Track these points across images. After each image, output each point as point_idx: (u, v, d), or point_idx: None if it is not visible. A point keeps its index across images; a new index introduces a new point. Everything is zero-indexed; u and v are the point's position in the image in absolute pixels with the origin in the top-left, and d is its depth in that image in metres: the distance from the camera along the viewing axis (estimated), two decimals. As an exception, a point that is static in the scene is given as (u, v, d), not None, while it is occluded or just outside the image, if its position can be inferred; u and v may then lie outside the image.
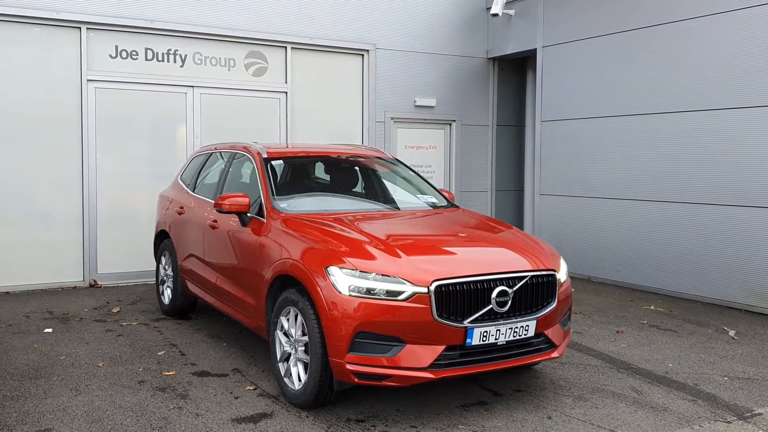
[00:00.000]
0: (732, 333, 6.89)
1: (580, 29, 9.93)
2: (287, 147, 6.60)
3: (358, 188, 6.36)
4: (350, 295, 4.30)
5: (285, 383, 4.82)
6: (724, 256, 8.14)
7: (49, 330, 6.65)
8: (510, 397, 5.01)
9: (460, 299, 4.38)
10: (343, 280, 4.34)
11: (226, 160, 6.61)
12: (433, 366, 4.33)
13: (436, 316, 4.30)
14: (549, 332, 4.78)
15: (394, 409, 4.72)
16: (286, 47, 10.06)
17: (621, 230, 9.37)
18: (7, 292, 8.40)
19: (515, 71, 11.98)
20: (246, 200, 5.52)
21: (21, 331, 6.60)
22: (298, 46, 10.15)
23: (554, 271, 4.79)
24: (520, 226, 11.71)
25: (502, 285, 4.50)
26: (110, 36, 8.97)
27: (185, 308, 7.07)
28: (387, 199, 6.18)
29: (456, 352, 4.40)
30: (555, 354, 4.81)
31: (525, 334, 4.61)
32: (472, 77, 11.60)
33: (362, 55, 10.68)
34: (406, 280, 4.31)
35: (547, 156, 10.65)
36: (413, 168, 6.71)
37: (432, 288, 4.30)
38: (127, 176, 9.16)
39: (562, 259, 5.19)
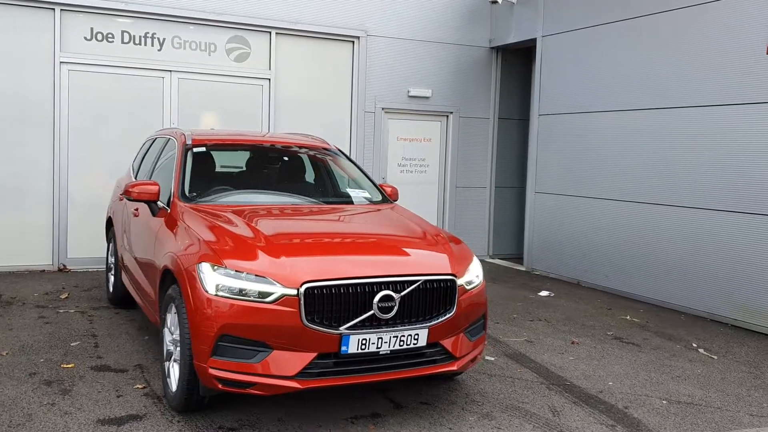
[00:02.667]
0: (701, 350, 6.29)
1: (582, 17, 9.32)
2: (220, 134, 6.31)
3: (287, 180, 6.02)
4: (217, 295, 3.98)
5: (167, 384, 4.55)
6: (710, 265, 7.50)
7: (-19, 314, 6.56)
8: (410, 410, 4.60)
9: (336, 303, 4.00)
10: (212, 279, 4.02)
11: (160, 146, 6.36)
12: (302, 375, 3.97)
13: (305, 321, 3.93)
14: (447, 343, 4.35)
15: (275, 417, 4.38)
16: (270, 32, 9.78)
17: (613, 233, 8.77)
18: (-27, 274, 8.40)
19: (521, 62, 11.41)
20: (155, 188, 5.26)
21: (-46, 314, 6.52)
22: (283, 32, 9.85)
23: (454, 276, 4.36)
24: (520, 225, 11.16)
25: (387, 289, 4.10)
26: (85, 18, 8.85)
27: (126, 298, 6.87)
28: (314, 192, 5.82)
29: (330, 361, 4.03)
30: (454, 367, 4.38)
31: (414, 344, 4.20)
32: (472, 68, 11.09)
33: (352, 42, 10.31)
34: (276, 281, 3.97)
35: (543, 152, 10.09)
36: (354, 161, 6.33)
37: (301, 290, 3.94)
38: (99, 161, 9.04)
39: (475, 263, 4.74)
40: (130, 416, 4.33)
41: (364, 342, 4.05)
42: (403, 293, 4.14)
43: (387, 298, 4.09)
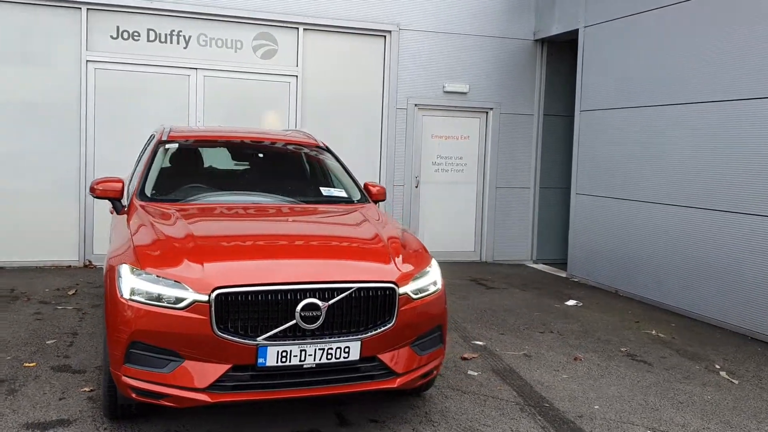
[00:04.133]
0: (723, 373, 5.59)
1: (627, 4, 8.61)
2: (202, 130, 6.13)
3: (264, 178, 5.76)
4: (131, 299, 3.75)
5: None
6: (754, 277, 6.71)
7: (-15, 308, 6.66)
8: (356, 427, 4.24)
9: (253, 312, 3.70)
10: (128, 282, 3.80)
11: (147, 142, 6.26)
12: (213, 387, 3.69)
13: (215, 330, 3.65)
14: (386, 357, 3.96)
15: (205, 429, 4.13)
16: (298, 28, 9.58)
17: (654, 239, 8.04)
18: (2, 267, 8.62)
19: (569, 55, 10.72)
20: (118, 185, 5.12)
21: (-44, 308, 6.65)
22: (311, 27, 9.63)
23: (393, 284, 3.96)
24: (566, 228, 10.48)
25: (312, 297, 3.76)
26: (112, 16, 8.93)
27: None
28: (289, 191, 5.51)
29: (246, 374, 3.74)
30: (394, 384, 3.98)
31: (345, 358, 3.84)
32: (514, 61, 10.53)
33: (384, 36, 9.97)
34: (189, 286, 3.70)
35: (584, 150, 9.43)
36: (339, 158, 6.00)
37: (212, 296, 3.66)
38: (125, 159, 9.05)
39: (430, 271, 4.32)
40: (60, 421, 4.18)
41: (284, 354, 3.72)
42: (330, 302, 3.79)
43: (311, 307, 3.75)
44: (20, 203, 8.70)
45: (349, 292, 3.83)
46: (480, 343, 6.15)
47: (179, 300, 3.68)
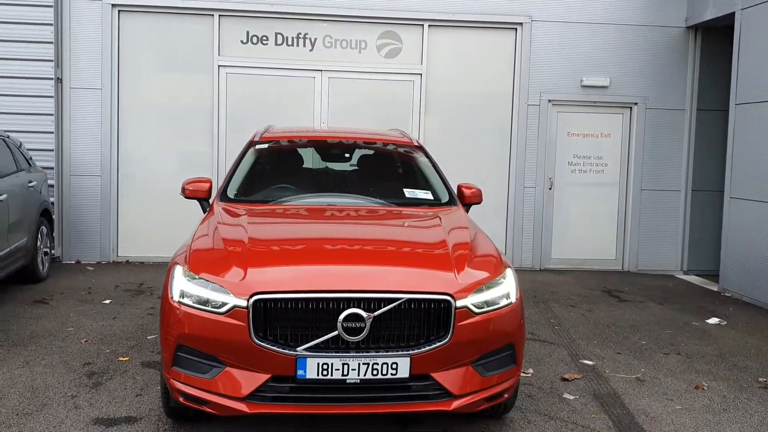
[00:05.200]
0: None
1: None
2: (296, 130, 6.03)
3: (353, 179, 5.56)
4: (179, 302, 3.70)
5: (172, 389, 4.38)
6: None
7: (108, 302, 7.04)
8: (414, 451, 3.92)
9: (292, 320, 3.50)
10: (179, 285, 3.75)
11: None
12: (252, 397, 3.53)
13: (253, 337, 3.49)
14: (441, 376, 3.60)
15: (260, 439, 4.00)
16: (423, 25, 9.33)
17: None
18: (141, 262, 9.16)
19: (727, 42, 9.55)
20: (206, 185, 5.17)
21: (85, 300, 7.08)
22: (436, 23, 9.34)
23: (450, 296, 3.59)
24: (717, 236, 9.32)
25: (356, 307, 3.49)
26: (242, 22, 9.20)
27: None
28: (376, 192, 5.24)
29: (286, 385, 3.54)
30: (449, 407, 3.61)
31: (392, 374, 3.53)
32: (663, 51, 9.56)
33: (514, 29, 9.45)
34: (230, 290, 3.57)
35: (740, 149, 8.33)
36: (432, 158, 5.65)
37: (250, 302, 3.50)
38: (253, 160, 9.35)
39: (501, 282, 3.87)
40: (127, 418, 4.24)
41: (325, 367, 3.48)
42: (376, 313, 3.49)
43: (355, 318, 3.48)
44: (158, 202, 9.17)
45: (397, 303, 3.52)
46: (589, 362, 5.54)
47: (222, 305, 3.57)
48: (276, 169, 5.59)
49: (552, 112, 9.59)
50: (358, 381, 3.51)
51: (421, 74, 9.37)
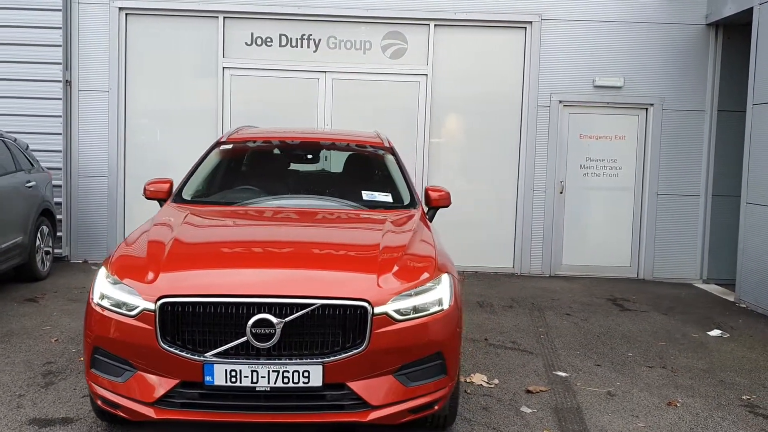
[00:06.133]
0: None
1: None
2: (265, 131, 5.94)
3: (310, 179, 5.44)
4: (97, 303, 3.64)
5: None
6: None
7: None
8: (340, 462, 3.76)
9: (201, 325, 3.40)
10: (99, 286, 3.70)
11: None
12: (161, 402, 3.44)
13: (160, 342, 3.40)
14: (357, 386, 3.44)
15: (186, 445, 3.91)
16: (428, 25, 9.15)
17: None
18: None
19: (749, 40, 9.08)
20: (166, 186, 5.11)
21: (75, 299, 7.13)
22: (443, 23, 9.15)
23: (366, 302, 3.42)
24: (735, 244, 8.85)
25: (265, 312, 3.36)
26: (246, 23, 9.19)
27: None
28: (328, 193, 5.11)
29: (195, 392, 3.44)
30: (365, 418, 3.45)
31: (304, 383, 3.39)
32: (680, 50, 9.15)
33: (524, 28, 9.18)
34: (140, 294, 3.50)
35: (757, 151, 7.88)
36: (400, 160, 5.47)
37: (157, 306, 3.41)
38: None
39: (432, 288, 3.67)
40: (64, 419, 4.20)
41: (233, 374, 3.37)
42: (287, 319, 3.36)
43: (264, 323, 3.35)
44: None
45: (310, 309, 3.38)
46: (562, 374, 5.28)
47: (133, 308, 3.49)
48: (238, 170, 5.52)
49: (563, 114, 9.27)
50: (269, 389, 3.39)
51: (426, 75, 9.19)
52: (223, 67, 9.18)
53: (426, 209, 5.19)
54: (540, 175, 9.29)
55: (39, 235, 7.87)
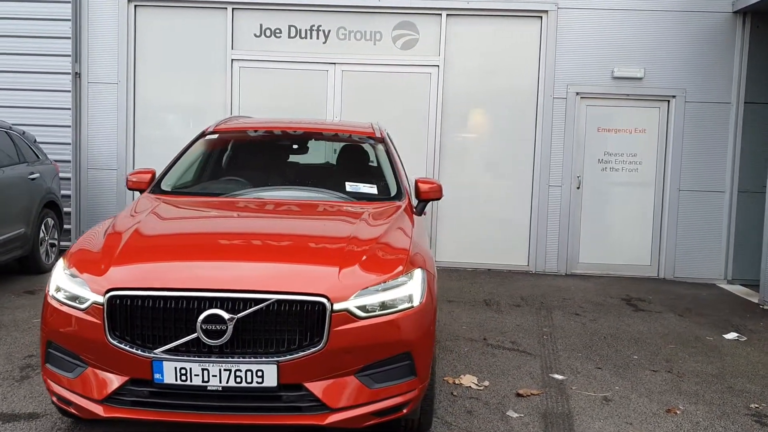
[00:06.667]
0: None
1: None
2: (253, 121, 5.78)
3: (297, 170, 5.24)
4: (53, 296, 3.51)
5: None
6: None
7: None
8: (303, 467, 3.57)
9: (152, 320, 3.23)
10: (55, 279, 3.56)
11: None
12: (110, 400, 3.29)
13: (108, 336, 3.25)
14: (315, 387, 3.24)
15: (147, 444, 3.76)
16: (441, 14, 8.88)
17: None
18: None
19: (780, 27, 8.65)
20: (147, 176, 4.97)
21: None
22: (455, 12, 8.88)
23: (325, 297, 3.22)
24: (761, 242, 8.41)
25: (216, 307, 3.18)
26: (255, 14, 9.04)
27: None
28: (314, 185, 4.90)
29: (145, 389, 3.28)
30: (324, 421, 3.24)
31: (258, 383, 3.20)
32: (705, 39, 8.73)
33: (540, 17, 8.86)
34: (90, 286, 3.35)
35: (782, 144, 7.46)
36: (391, 150, 5.21)
37: (105, 299, 3.25)
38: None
39: (411, 283, 3.45)
40: (30, 414, 4.10)
41: (183, 372, 3.20)
42: (239, 315, 3.18)
43: (215, 319, 3.17)
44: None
45: (266, 303, 3.18)
46: (559, 377, 5.01)
47: (84, 301, 3.34)
48: (221, 161, 5.36)
49: (580, 106, 8.93)
50: (220, 388, 3.21)
51: (438, 66, 8.93)
52: (232, 59, 9.05)
53: (416, 202, 4.95)
54: (556, 170, 8.97)
55: (43, 227, 7.83)
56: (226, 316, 3.16)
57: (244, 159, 5.42)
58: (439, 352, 5.41)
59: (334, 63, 9.02)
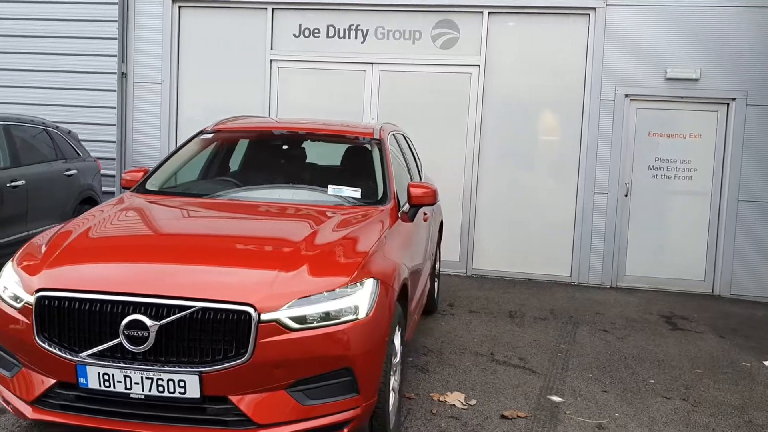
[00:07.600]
0: None
1: None
2: (256, 121, 5.65)
3: (287, 172, 5.07)
4: None
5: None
6: None
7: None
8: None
9: (78, 322, 3.15)
10: (4, 277, 3.54)
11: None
12: (38, 402, 3.24)
13: (36, 337, 3.19)
14: (241, 401, 3.07)
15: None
16: (482, 12, 8.54)
17: None
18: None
19: None
20: (139, 175, 4.93)
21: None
22: (498, 10, 8.52)
23: (250, 306, 3.04)
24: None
25: (138, 313, 3.06)
26: (294, 14, 8.98)
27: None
28: (299, 187, 4.74)
29: (72, 393, 3.20)
30: (242, 438, 3.06)
31: (181, 393, 3.06)
32: (770, 36, 8.04)
33: (587, 14, 8.38)
34: (24, 286, 3.31)
35: None
36: (384, 153, 4.95)
37: (34, 299, 3.19)
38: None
39: (360, 292, 3.24)
40: (-2, 410, 4.12)
41: (106, 377, 3.10)
42: (162, 322, 3.05)
43: (137, 325, 3.05)
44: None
45: (188, 312, 3.04)
46: (556, 398, 4.64)
47: (19, 300, 3.31)
48: (211, 161, 5.27)
49: (630, 109, 8.40)
50: (143, 397, 3.09)
51: (479, 66, 8.59)
52: (271, 60, 9.02)
53: (408, 207, 4.71)
54: (602, 176, 8.47)
55: (80, 223, 8.02)
56: (148, 322, 3.04)
57: (234, 159, 5.33)
58: (436, 366, 5.16)
59: (372, 63, 8.84)
